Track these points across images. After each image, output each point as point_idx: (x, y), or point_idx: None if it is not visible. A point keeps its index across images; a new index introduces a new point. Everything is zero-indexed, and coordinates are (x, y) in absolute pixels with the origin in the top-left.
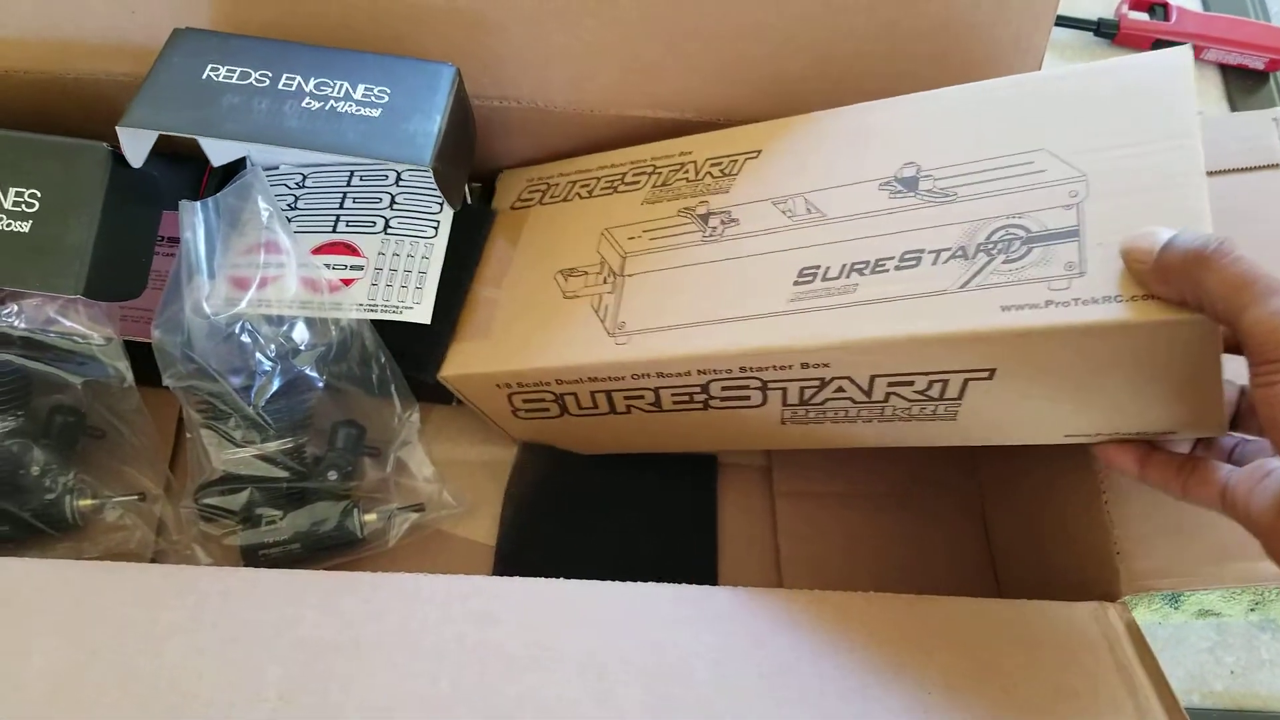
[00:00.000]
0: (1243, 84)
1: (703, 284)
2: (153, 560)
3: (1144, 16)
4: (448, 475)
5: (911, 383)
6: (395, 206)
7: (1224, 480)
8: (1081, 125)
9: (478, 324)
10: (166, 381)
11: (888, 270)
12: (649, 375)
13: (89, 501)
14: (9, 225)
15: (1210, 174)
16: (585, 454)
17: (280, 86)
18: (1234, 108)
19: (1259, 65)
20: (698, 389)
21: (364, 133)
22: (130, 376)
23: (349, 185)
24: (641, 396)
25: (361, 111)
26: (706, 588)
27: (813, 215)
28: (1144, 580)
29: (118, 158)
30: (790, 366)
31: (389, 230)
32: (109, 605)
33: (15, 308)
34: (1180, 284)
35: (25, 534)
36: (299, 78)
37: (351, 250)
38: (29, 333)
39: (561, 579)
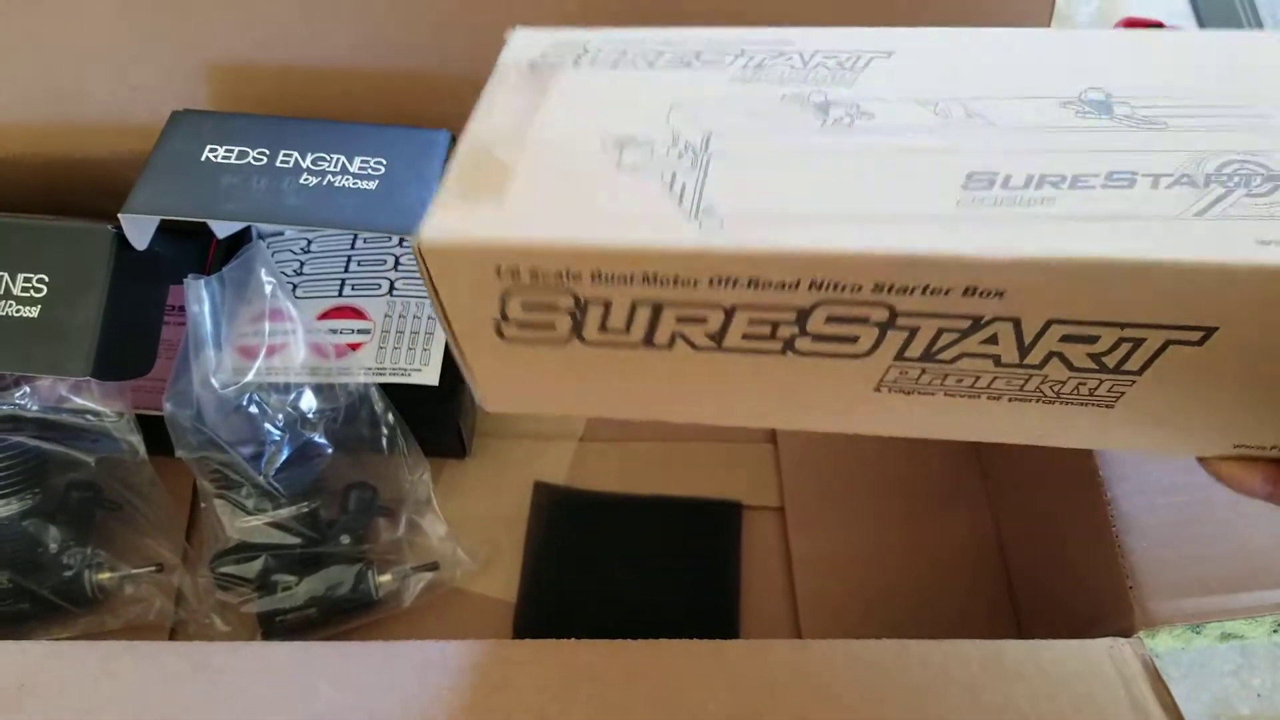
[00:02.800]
0: None
1: (833, 171)
2: (173, 629)
3: None
4: (461, 530)
5: (1095, 338)
6: (400, 268)
7: None
8: None
9: (482, 182)
10: (179, 453)
11: (1093, 187)
12: (736, 283)
13: (107, 575)
14: (18, 311)
15: None
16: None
17: (278, 164)
18: None
19: None
20: (794, 316)
21: (362, 206)
22: (143, 450)
23: (353, 248)
24: (704, 320)
25: (359, 185)
26: (721, 642)
27: (976, 120)
28: (1158, 615)
29: (122, 239)
30: (948, 291)
31: (394, 292)
32: (126, 686)
33: (27, 389)
34: None
35: (46, 611)
36: (296, 154)
37: (358, 314)
38: (41, 414)
39: (574, 640)
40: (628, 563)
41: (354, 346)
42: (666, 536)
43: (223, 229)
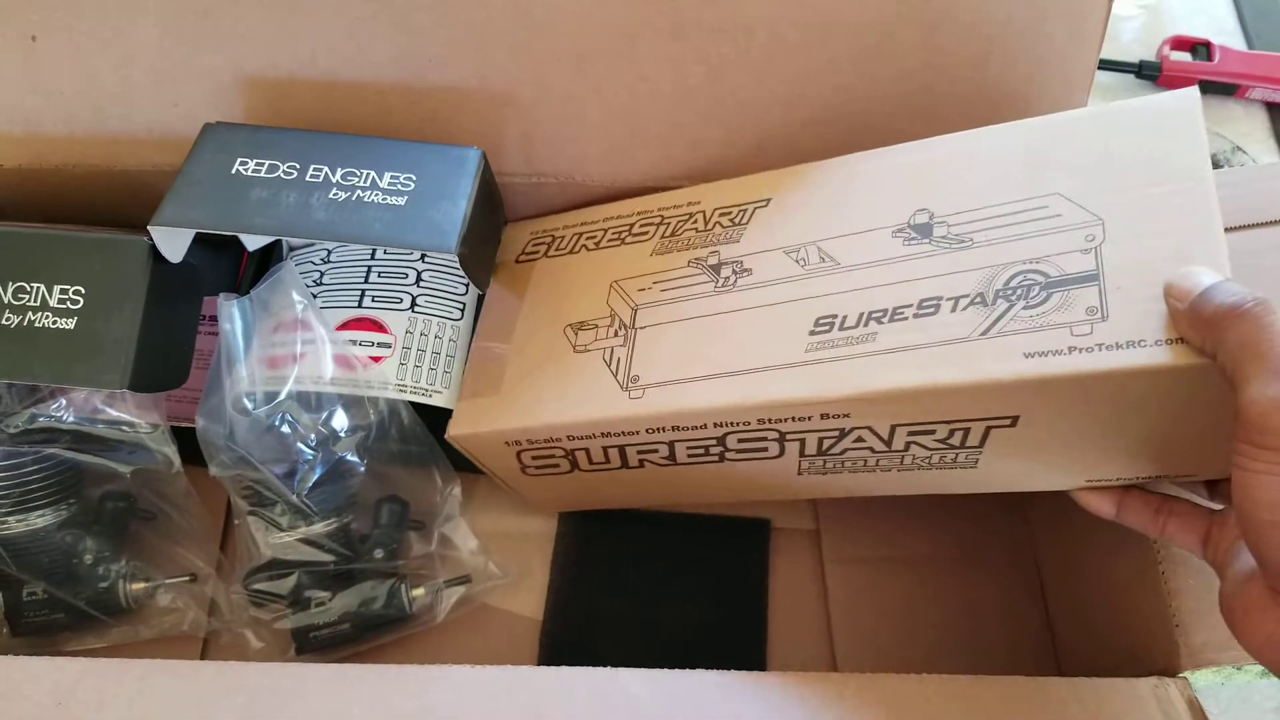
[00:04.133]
0: None
1: (717, 335)
2: (206, 640)
3: (1186, 57)
4: (492, 548)
5: (933, 431)
6: (422, 284)
7: (1204, 529)
8: (1094, 169)
9: (486, 380)
10: (213, 471)
11: (906, 318)
12: (664, 429)
13: (142, 585)
14: (55, 323)
15: (1260, 225)
16: (633, 518)
17: (308, 178)
18: None
19: None
20: (714, 442)
21: (390, 222)
22: (178, 461)
23: (374, 259)
24: (655, 450)
25: (388, 200)
26: (755, 674)
27: (826, 264)
28: (1204, 654)
29: (159, 251)
30: (810, 418)
31: (416, 308)
32: (161, 706)
33: (63, 401)
34: (1206, 332)
35: (80, 620)
36: (326, 168)
37: (378, 326)
38: (77, 425)
39: (606, 669)
40: (654, 580)
41: (375, 359)
42: (693, 556)
43: (253, 241)
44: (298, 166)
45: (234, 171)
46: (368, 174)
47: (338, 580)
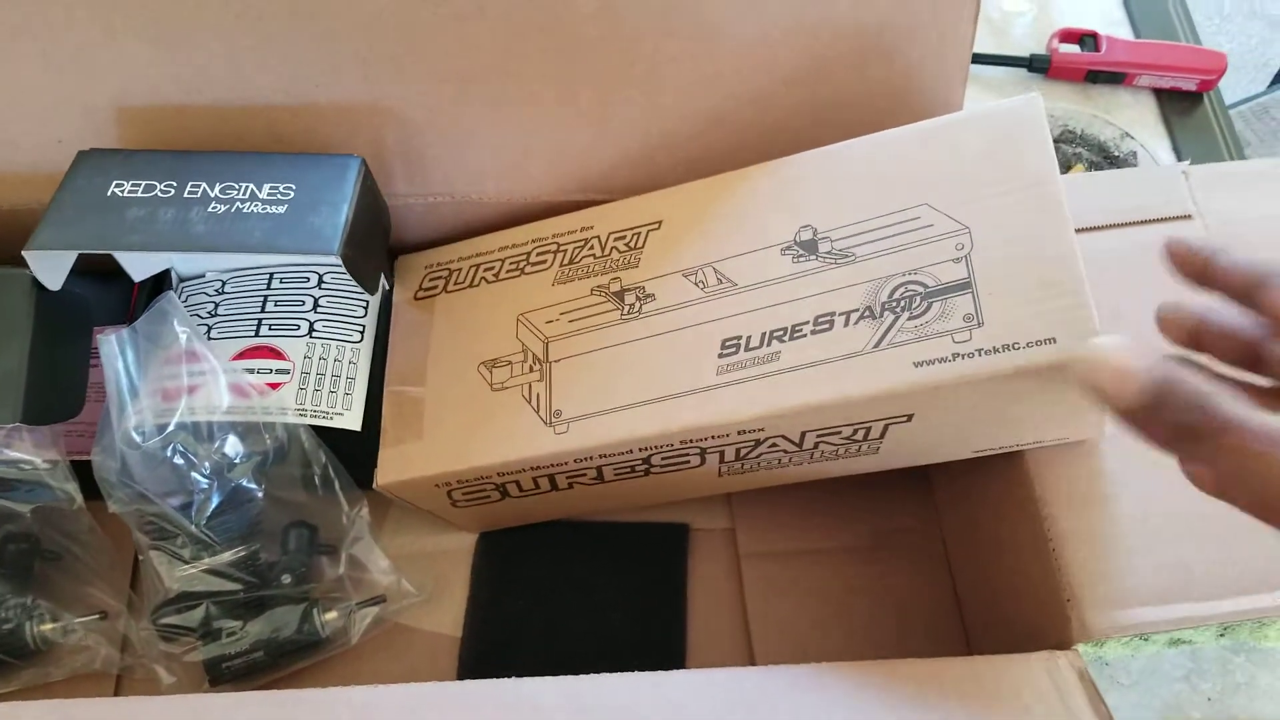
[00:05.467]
0: (1177, 107)
1: (632, 364)
2: (119, 677)
3: (1075, 49)
4: (409, 566)
5: (839, 432)
6: (319, 309)
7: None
8: (955, 177)
9: (406, 426)
10: (111, 507)
11: (805, 335)
12: (591, 458)
13: (50, 626)
14: None
15: (1125, 225)
16: (553, 529)
17: (185, 195)
18: (1171, 130)
19: (1191, 87)
20: (639, 461)
21: (270, 230)
22: (79, 498)
23: (269, 289)
24: (584, 474)
25: (268, 210)
26: (665, 674)
27: (724, 285)
28: (1096, 627)
29: (41, 283)
30: (727, 435)
31: (314, 334)
32: None
33: None
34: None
35: None
36: (204, 184)
37: (276, 354)
38: None
39: (513, 679)
40: (575, 591)
41: (274, 386)
42: (613, 562)
43: (140, 271)
44: (175, 185)
45: (109, 194)
46: (247, 186)
47: (248, 609)
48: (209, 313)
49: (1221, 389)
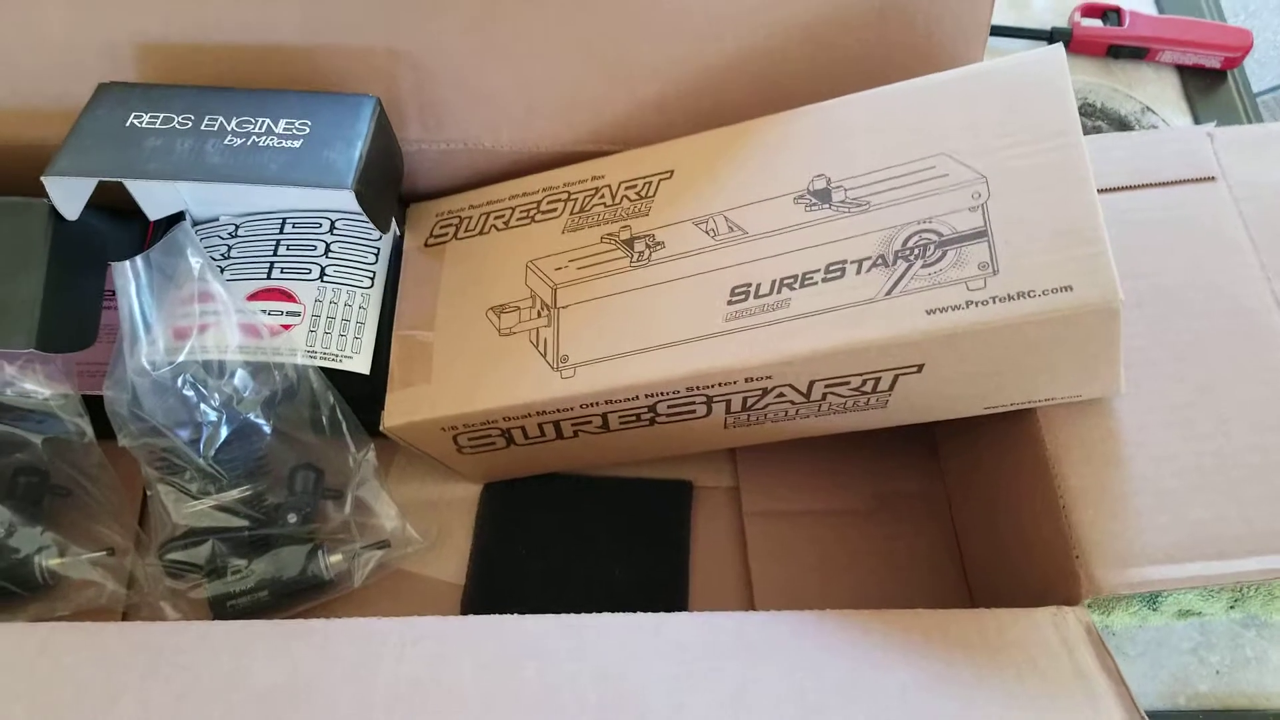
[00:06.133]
0: (1200, 84)
1: (639, 310)
2: (124, 615)
3: (1097, 23)
4: (415, 514)
5: (847, 382)
6: (330, 254)
7: None
8: (975, 127)
9: (414, 369)
10: (121, 440)
11: (816, 283)
12: (597, 404)
13: (58, 560)
14: None
15: (1149, 185)
16: (557, 481)
17: (203, 127)
18: (1193, 108)
19: (1215, 64)
20: (645, 409)
21: (285, 163)
22: (90, 432)
23: (282, 233)
24: (589, 421)
25: (284, 144)
26: (662, 615)
27: (735, 233)
28: (1104, 584)
29: (59, 213)
30: (735, 382)
31: (325, 278)
32: (68, 668)
33: None
34: None
35: None
36: (221, 118)
37: (288, 296)
38: None
39: (514, 615)
40: (578, 544)
41: (286, 328)
42: (617, 517)
43: (155, 209)
44: (193, 117)
45: (128, 124)
46: (263, 121)
47: (254, 547)
48: (222, 254)
49: None
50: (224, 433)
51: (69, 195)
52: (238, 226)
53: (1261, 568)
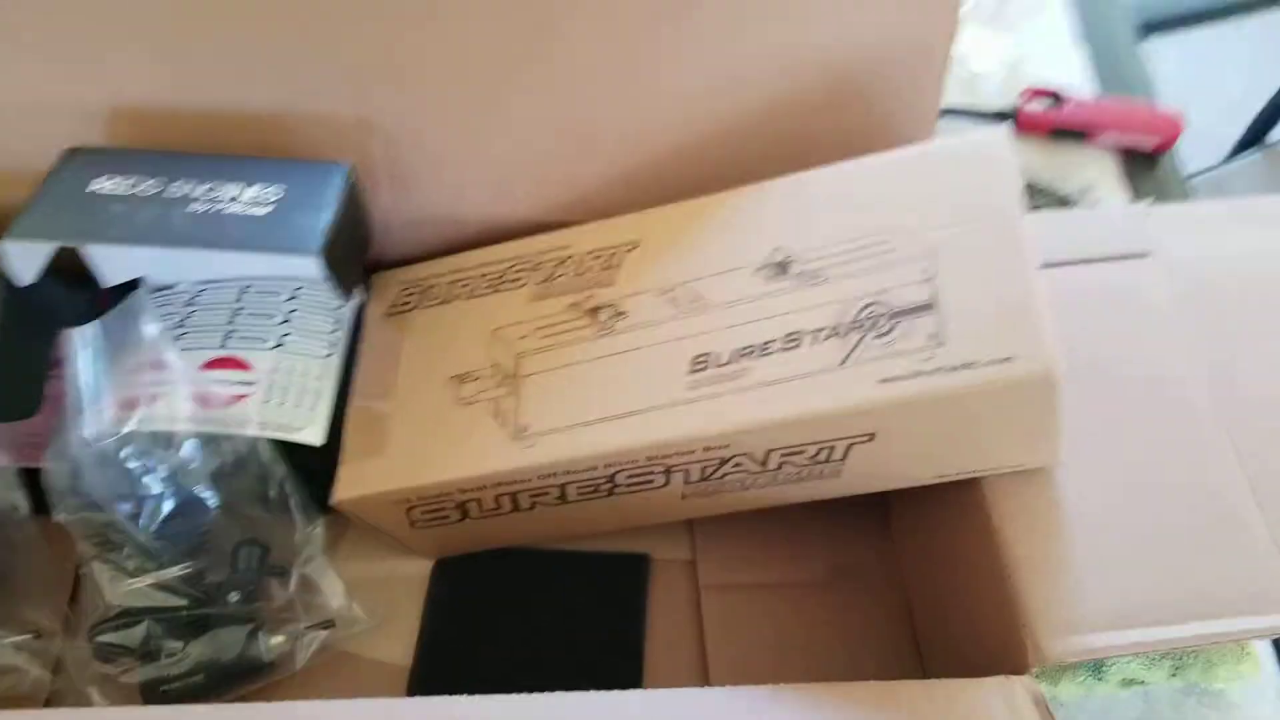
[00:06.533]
0: (1137, 166)
1: (601, 379)
2: (47, 702)
3: (1041, 106)
4: (362, 593)
5: (803, 451)
6: (289, 322)
7: None
8: (924, 204)
9: (369, 441)
10: (57, 515)
11: (773, 353)
12: (556, 474)
13: None
14: None
15: (1088, 261)
16: (510, 556)
17: (168, 194)
18: (1133, 185)
19: (1149, 147)
20: (604, 480)
21: (251, 230)
22: (25, 507)
23: (240, 301)
24: (547, 494)
25: (251, 211)
26: (616, 693)
27: (696, 304)
28: (1050, 652)
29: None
30: (693, 452)
31: (282, 347)
32: None
33: None
34: None
35: None
36: (189, 184)
37: (241, 365)
38: None
39: (463, 696)
40: (531, 620)
41: (238, 398)
42: (572, 592)
43: (109, 274)
44: (159, 184)
45: (90, 190)
46: (232, 188)
47: (191, 628)
48: (177, 322)
49: None
50: (167, 507)
51: (25, 261)
52: (196, 294)
53: (1197, 633)
